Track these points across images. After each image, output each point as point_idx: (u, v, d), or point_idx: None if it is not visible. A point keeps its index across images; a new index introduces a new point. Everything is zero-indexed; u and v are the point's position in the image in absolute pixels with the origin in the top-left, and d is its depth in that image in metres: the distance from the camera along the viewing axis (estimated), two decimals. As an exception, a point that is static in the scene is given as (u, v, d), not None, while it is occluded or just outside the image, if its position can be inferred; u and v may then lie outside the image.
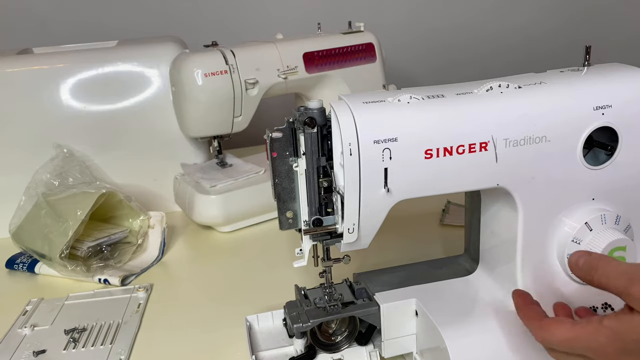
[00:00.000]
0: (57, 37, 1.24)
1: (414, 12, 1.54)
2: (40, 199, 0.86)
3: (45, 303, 0.77)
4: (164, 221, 0.91)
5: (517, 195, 0.52)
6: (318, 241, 0.55)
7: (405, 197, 0.50)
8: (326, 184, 0.52)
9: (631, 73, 0.53)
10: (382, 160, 0.48)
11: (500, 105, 0.50)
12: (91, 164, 1.00)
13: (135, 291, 0.78)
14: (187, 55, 0.92)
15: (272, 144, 0.52)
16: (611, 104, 0.51)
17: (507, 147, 0.50)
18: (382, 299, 0.57)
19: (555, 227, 0.54)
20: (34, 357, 0.66)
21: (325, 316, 0.56)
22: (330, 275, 0.59)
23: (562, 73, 0.55)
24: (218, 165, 1.03)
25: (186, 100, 0.92)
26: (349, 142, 0.47)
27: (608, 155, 0.53)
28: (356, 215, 0.50)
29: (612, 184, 0.54)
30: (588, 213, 0.53)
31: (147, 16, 1.35)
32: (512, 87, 0.52)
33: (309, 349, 0.58)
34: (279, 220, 0.55)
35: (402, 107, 0.49)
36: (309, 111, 0.51)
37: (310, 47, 0.99)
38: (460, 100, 0.50)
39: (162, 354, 0.66)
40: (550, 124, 0.50)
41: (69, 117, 0.98)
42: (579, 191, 0.53)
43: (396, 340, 0.58)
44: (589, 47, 0.54)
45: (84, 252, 0.82)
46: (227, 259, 0.88)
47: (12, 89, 0.96)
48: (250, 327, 0.63)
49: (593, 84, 0.52)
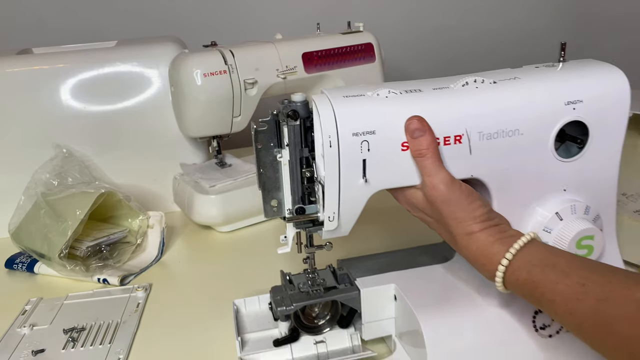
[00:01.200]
0: (57, 37, 1.24)
1: (413, 12, 1.54)
2: (40, 198, 0.86)
3: (44, 303, 0.77)
4: (163, 221, 0.91)
5: (491, 185, 0.54)
6: (301, 229, 0.57)
7: (382, 187, 0.53)
8: (309, 174, 0.54)
9: (603, 69, 0.55)
10: (360, 152, 0.50)
11: (475, 100, 0.52)
12: (90, 164, 1.00)
13: (134, 291, 0.78)
14: (186, 55, 0.92)
15: (256, 135, 0.54)
16: (582, 99, 0.53)
17: (481, 140, 0.52)
18: (363, 284, 0.59)
19: (528, 217, 0.56)
20: (33, 356, 0.66)
21: (308, 300, 0.59)
22: (313, 261, 0.61)
23: (537, 69, 0.57)
24: (217, 165, 1.03)
25: (185, 100, 0.92)
26: (329, 134, 0.49)
27: (579, 148, 0.55)
28: (336, 204, 0.52)
29: (582, 176, 0.56)
30: (559, 203, 0.55)
31: (146, 16, 1.36)
32: (487, 82, 0.53)
33: (293, 332, 0.61)
34: (264, 208, 0.57)
35: (380, 101, 0.51)
36: (292, 104, 0.53)
37: (310, 47, 0.99)
38: (436, 95, 0.52)
39: (161, 354, 0.66)
40: (523, 118, 0.52)
41: (69, 117, 0.98)
42: (550, 182, 0.55)
43: (376, 323, 0.60)
44: (564, 43, 0.56)
45: (83, 251, 0.82)
46: (226, 258, 0.88)
47: (12, 89, 0.96)
48: (238, 311, 0.66)
49: (566, 80, 0.54)
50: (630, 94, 0.55)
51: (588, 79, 0.54)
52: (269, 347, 0.60)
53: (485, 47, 1.60)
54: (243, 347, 0.61)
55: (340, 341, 0.62)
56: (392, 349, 0.61)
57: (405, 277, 0.60)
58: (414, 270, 0.62)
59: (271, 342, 0.61)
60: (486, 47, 1.60)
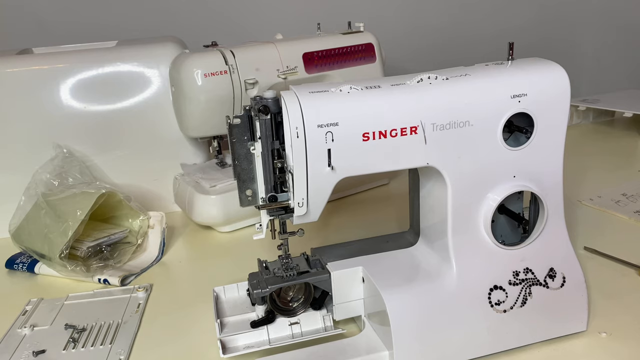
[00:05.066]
0: (57, 37, 1.25)
1: (413, 13, 1.54)
2: (40, 199, 0.86)
3: (45, 303, 0.77)
4: (164, 221, 0.91)
5: (446, 173, 0.59)
6: (274, 216, 0.61)
7: (347, 175, 0.57)
8: (280, 165, 0.58)
9: (547, 66, 0.60)
10: (325, 142, 0.54)
11: (428, 95, 0.56)
12: (91, 164, 1.00)
13: (135, 291, 0.78)
14: (187, 55, 0.92)
15: (231, 130, 0.58)
16: (527, 93, 0.58)
17: (435, 131, 0.57)
18: (333, 268, 0.64)
19: (481, 201, 0.60)
20: (34, 357, 0.66)
21: (282, 283, 0.63)
22: (287, 247, 0.65)
23: (487, 66, 0.61)
24: (218, 165, 1.03)
25: (186, 100, 0.92)
26: (296, 126, 0.53)
27: (527, 137, 0.60)
28: (304, 190, 0.57)
29: (530, 163, 0.60)
30: (509, 189, 0.60)
31: (147, 16, 1.35)
32: (440, 78, 0.58)
33: (269, 314, 0.65)
34: (239, 198, 0.61)
35: (343, 96, 0.56)
36: (264, 100, 0.56)
37: (310, 48, 0.99)
38: (394, 90, 0.57)
39: (161, 354, 0.66)
40: (472, 110, 0.57)
41: (69, 117, 0.98)
42: (501, 169, 0.60)
43: (346, 304, 0.65)
44: (512, 43, 0.61)
45: (84, 252, 0.82)
46: (227, 258, 0.88)
47: (12, 89, 0.96)
48: (217, 297, 0.70)
49: (512, 76, 0.59)
50: (569, 88, 0.59)
51: (532, 75, 0.59)
52: (247, 329, 0.64)
53: (486, 47, 1.60)
54: (222, 329, 0.64)
55: (314, 322, 0.66)
56: (362, 328, 0.66)
57: (373, 261, 0.66)
58: (381, 255, 0.67)
59: (249, 324, 0.65)
60: (486, 47, 1.60)
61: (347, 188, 1.06)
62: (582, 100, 1.38)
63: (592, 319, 0.65)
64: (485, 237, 0.61)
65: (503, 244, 0.62)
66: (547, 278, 0.62)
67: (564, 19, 1.65)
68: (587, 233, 0.86)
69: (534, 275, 0.62)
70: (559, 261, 0.63)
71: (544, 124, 0.59)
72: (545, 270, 0.63)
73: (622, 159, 1.18)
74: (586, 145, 1.26)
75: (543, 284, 0.62)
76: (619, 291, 0.71)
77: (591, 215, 0.93)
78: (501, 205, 0.61)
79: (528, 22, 1.63)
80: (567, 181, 0.63)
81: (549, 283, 0.62)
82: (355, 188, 1.08)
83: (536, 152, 0.60)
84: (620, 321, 0.65)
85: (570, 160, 0.66)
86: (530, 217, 0.64)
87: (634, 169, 1.11)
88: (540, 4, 1.62)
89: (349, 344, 0.62)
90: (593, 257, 0.79)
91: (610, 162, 1.17)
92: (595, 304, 0.67)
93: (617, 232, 0.87)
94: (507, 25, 1.61)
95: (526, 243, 0.63)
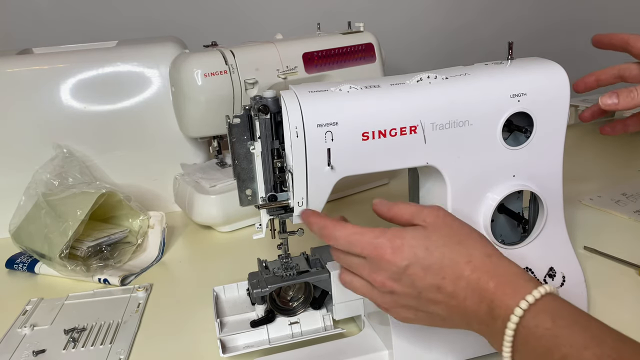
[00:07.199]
0: (57, 37, 1.24)
1: (413, 13, 1.54)
2: (40, 199, 0.86)
3: (45, 303, 0.77)
4: (164, 221, 0.91)
5: (445, 172, 0.58)
6: (274, 215, 0.62)
7: (346, 174, 0.57)
8: (280, 164, 0.58)
9: (546, 65, 0.60)
10: (324, 142, 0.55)
11: (428, 94, 0.57)
12: (91, 164, 1.00)
13: (135, 291, 0.79)
14: (187, 55, 0.92)
15: (231, 129, 0.58)
16: (526, 92, 0.58)
17: (434, 130, 0.56)
18: (333, 267, 0.64)
19: (481, 201, 0.60)
20: (34, 356, 0.66)
21: (282, 282, 0.63)
22: (287, 247, 0.66)
23: (487, 66, 0.61)
24: (218, 165, 1.03)
25: (186, 100, 0.92)
26: (296, 125, 0.54)
27: (527, 137, 0.60)
28: (304, 189, 0.57)
29: (529, 162, 0.60)
30: (509, 188, 0.60)
31: (147, 16, 1.36)
32: (440, 78, 0.58)
33: (269, 313, 0.65)
34: (239, 197, 0.61)
35: (342, 95, 0.56)
36: (263, 99, 0.57)
37: (310, 48, 0.99)
38: (393, 90, 0.57)
39: (162, 354, 0.66)
40: (472, 110, 0.57)
41: (69, 117, 0.98)
42: (500, 169, 0.60)
43: (346, 304, 0.65)
44: (512, 42, 0.61)
45: (84, 252, 0.82)
46: (227, 258, 0.88)
47: (12, 89, 0.96)
48: (217, 297, 0.70)
49: (511, 75, 0.59)
50: (569, 88, 0.60)
51: (532, 74, 0.59)
52: (247, 328, 0.64)
53: (486, 48, 1.60)
54: (222, 328, 0.65)
55: (313, 322, 0.66)
56: (362, 327, 0.66)
57: None
58: None
59: (249, 324, 0.65)
60: (487, 47, 1.60)
61: (347, 188, 1.06)
62: (582, 100, 1.38)
63: (591, 319, 0.64)
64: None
65: (503, 243, 0.63)
66: (547, 277, 0.63)
67: (564, 18, 1.65)
68: (587, 233, 0.86)
69: (534, 275, 0.62)
70: (559, 261, 0.63)
71: (543, 124, 0.59)
72: (545, 269, 0.63)
73: (622, 158, 1.18)
74: (586, 145, 1.26)
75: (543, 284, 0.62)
76: (619, 291, 0.71)
77: (591, 215, 0.93)
78: (501, 204, 0.61)
79: (528, 21, 1.63)
80: (567, 181, 0.63)
81: (548, 282, 0.62)
82: (355, 188, 1.08)
83: (536, 151, 0.60)
84: (620, 321, 0.65)
85: (570, 160, 0.66)
86: (530, 217, 0.64)
87: (634, 168, 1.11)
88: (540, 3, 1.62)
89: (349, 343, 0.63)
90: (593, 256, 0.79)
91: (610, 161, 1.17)
92: (595, 304, 0.68)
93: (617, 232, 0.87)
94: (507, 25, 1.61)
95: (526, 242, 0.63)
